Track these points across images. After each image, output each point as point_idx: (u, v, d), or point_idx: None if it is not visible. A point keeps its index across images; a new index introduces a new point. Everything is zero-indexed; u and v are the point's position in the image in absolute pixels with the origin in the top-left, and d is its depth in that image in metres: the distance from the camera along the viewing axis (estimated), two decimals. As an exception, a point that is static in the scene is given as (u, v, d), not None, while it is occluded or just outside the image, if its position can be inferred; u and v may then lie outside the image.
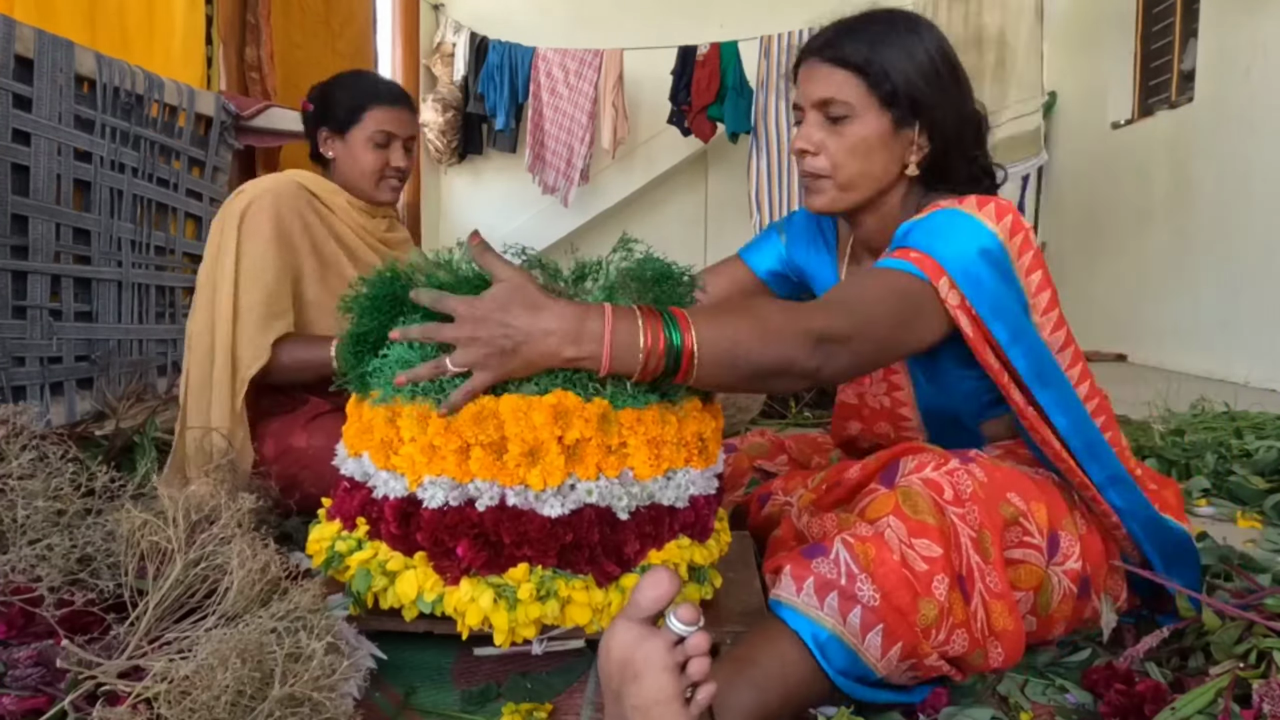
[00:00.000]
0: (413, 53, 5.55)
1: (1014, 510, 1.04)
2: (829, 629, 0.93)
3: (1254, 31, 3.97)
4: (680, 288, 1.08)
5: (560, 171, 5.62)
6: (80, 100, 2.14)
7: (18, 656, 0.85)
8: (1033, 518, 1.05)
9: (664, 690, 0.72)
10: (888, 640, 0.93)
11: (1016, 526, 1.04)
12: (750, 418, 2.56)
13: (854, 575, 0.94)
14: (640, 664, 0.73)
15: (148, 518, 0.96)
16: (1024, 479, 1.09)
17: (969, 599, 0.98)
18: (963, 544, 0.99)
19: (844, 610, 0.93)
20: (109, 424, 2.03)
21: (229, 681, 0.76)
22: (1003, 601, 0.99)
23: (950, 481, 1.02)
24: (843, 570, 0.95)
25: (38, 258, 2.03)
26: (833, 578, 0.95)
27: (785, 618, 0.95)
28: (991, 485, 1.04)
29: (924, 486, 1.01)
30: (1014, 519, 1.04)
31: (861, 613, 0.93)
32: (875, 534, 0.97)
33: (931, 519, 0.98)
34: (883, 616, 0.93)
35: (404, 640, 1.09)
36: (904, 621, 0.93)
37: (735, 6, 5.85)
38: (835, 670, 0.93)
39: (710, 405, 1.11)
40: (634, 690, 0.73)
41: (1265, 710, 0.93)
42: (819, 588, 0.95)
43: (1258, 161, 3.92)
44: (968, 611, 0.97)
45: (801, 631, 0.93)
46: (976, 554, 0.99)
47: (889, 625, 0.93)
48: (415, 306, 1.03)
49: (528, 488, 0.97)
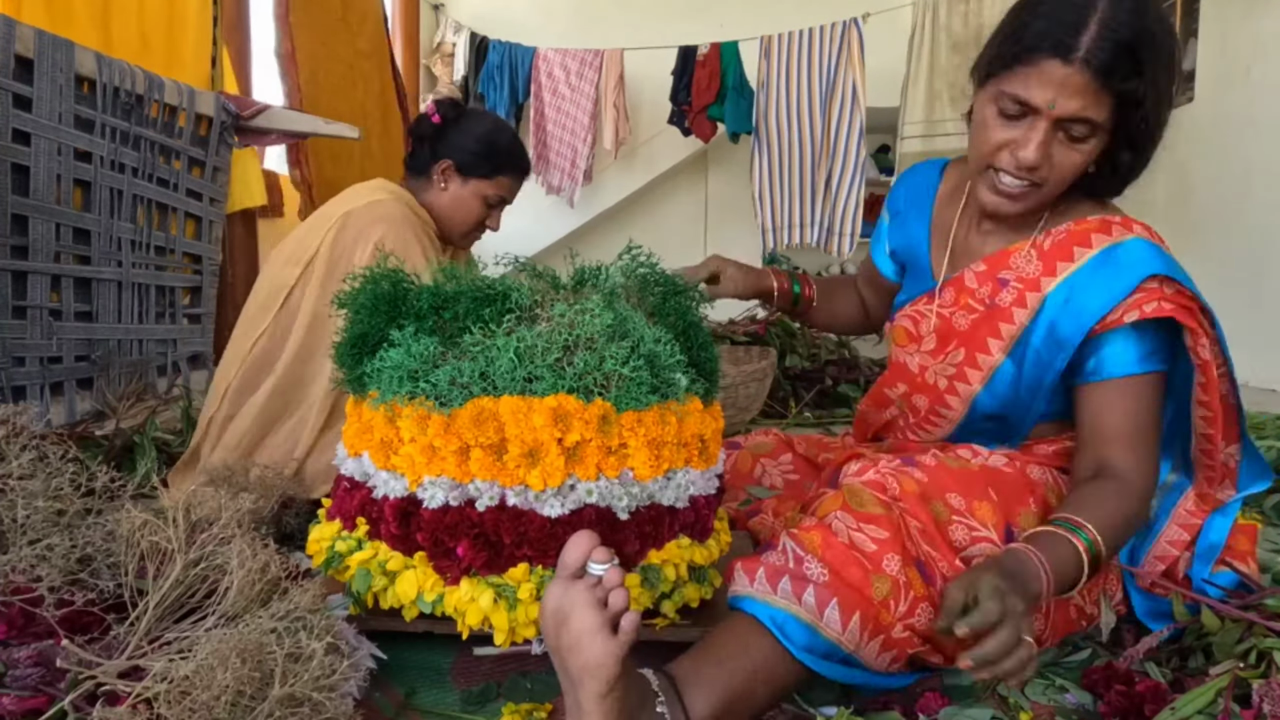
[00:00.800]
0: (413, 53, 5.54)
1: (946, 509, 1.07)
2: (784, 609, 0.95)
3: (1254, 31, 3.97)
4: (684, 299, 1.09)
5: (565, 172, 5.62)
6: (80, 100, 2.13)
7: (18, 656, 0.85)
8: (973, 514, 1.08)
9: (589, 621, 0.77)
10: (844, 613, 0.94)
11: (957, 524, 1.07)
12: (750, 418, 2.56)
13: (801, 558, 0.98)
14: (567, 607, 0.79)
15: (147, 518, 0.96)
16: (971, 476, 1.12)
17: (933, 581, 1.00)
18: (913, 534, 1.02)
19: (797, 591, 0.96)
20: (109, 424, 2.03)
21: (229, 681, 0.76)
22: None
23: (889, 481, 1.08)
24: (790, 556, 1.00)
25: (38, 258, 2.03)
26: (781, 564, 0.99)
27: (743, 607, 0.98)
28: (930, 485, 1.08)
29: (865, 486, 1.06)
30: (947, 519, 1.06)
31: (815, 590, 0.95)
32: (820, 524, 1.02)
33: (878, 509, 1.02)
34: (835, 590, 0.95)
35: (404, 640, 1.09)
36: (858, 594, 0.95)
37: (735, 6, 5.85)
38: (798, 647, 0.94)
39: (711, 406, 1.12)
40: (565, 631, 0.79)
41: (1265, 710, 0.93)
42: (770, 575, 0.98)
43: (1257, 161, 3.92)
44: (930, 590, 0.99)
45: (759, 615, 0.96)
46: (927, 545, 1.02)
47: (843, 598, 0.95)
48: (413, 310, 1.03)
49: (528, 488, 0.97)
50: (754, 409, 2.56)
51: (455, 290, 1.04)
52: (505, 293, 1.07)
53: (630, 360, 0.99)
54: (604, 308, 1.01)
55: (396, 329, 1.05)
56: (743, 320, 3.35)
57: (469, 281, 1.06)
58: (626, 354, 0.99)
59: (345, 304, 1.11)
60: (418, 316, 1.08)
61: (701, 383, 1.09)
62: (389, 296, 1.08)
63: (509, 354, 0.98)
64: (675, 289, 1.12)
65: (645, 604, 1.04)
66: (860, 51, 4.86)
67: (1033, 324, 1.21)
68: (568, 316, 1.01)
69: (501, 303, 1.06)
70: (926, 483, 1.08)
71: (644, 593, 1.03)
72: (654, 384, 1.01)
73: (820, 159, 5.06)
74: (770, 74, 5.10)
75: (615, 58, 5.45)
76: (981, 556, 1.05)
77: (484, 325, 1.04)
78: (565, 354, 1.00)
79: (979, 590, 0.90)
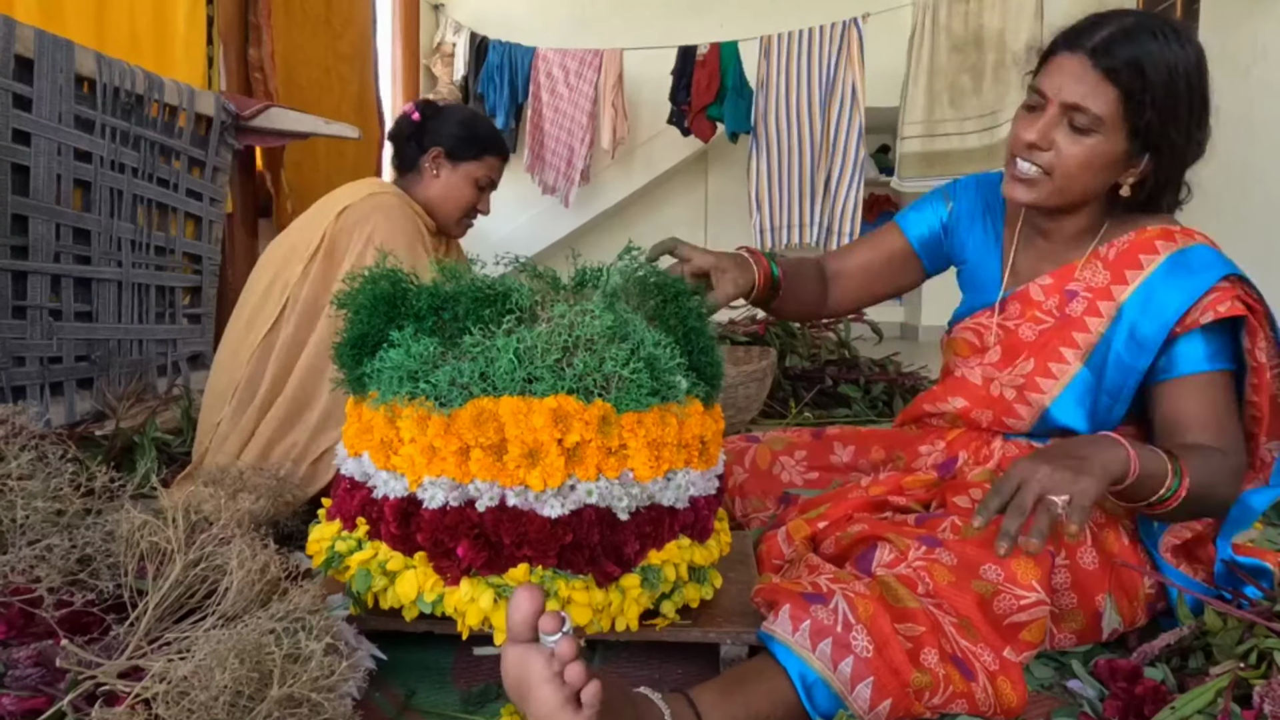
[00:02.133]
0: (413, 53, 5.54)
1: (990, 585, 1.04)
2: (817, 672, 0.94)
3: (1254, 31, 3.97)
4: (687, 300, 1.09)
5: (560, 172, 5.62)
6: (80, 100, 2.13)
7: (18, 656, 0.85)
8: (1016, 583, 1.04)
9: (550, 701, 0.76)
10: (877, 694, 0.93)
11: (1002, 595, 1.04)
12: (750, 418, 2.56)
13: (850, 625, 0.95)
14: (529, 681, 0.77)
15: (147, 519, 0.96)
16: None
17: (972, 676, 0.97)
18: (947, 631, 1.00)
19: (836, 658, 0.94)
20: (109, 424, 2.02)
21: (228, 682, 0.76)
22: (1006, 677, 0.99)
23: (922, 577, 1.05)
24: (840, 619, 0.96)
25: (38, 258, 2.03)
26: (829, 625, 0.96)
27: (776, 653, 0.96)
28: (962, 567, 1.05)
29: (898, 581, 1.04)
30: (993, 593, 1.04)
31: (854, 663, 0.93)
32: (875, 596, 0.99)
33: (913, 604, 1.00)
34: (875, 670, 0.93)
35: (404, 640, 1.09)
36: (896, 679, 0.93)
37: (735, 6, 5.85)
38: (818, 713, 0.94)
39: (711, 408, 1.12)
40: (531, 703, 0.77)
41: (1266, 711, 0.93)
42: (814, 633, 0.95)
43: (1257, 162, 3.92)
44: (970, 685, 0.97)
45: (790, 669, 0.94)
46: (964, 639, 1.00)
47: (880, 680, 0.93)
48: (413, 310, 1.03)
49: (528, 488, 0.97)
50: (754, 409, 2.56)
51: (455, 290, 1.04)
52: (505, 293, 1.07)
53: (630, 362, 0.99)
54: (604, 309, 1.01)
55: (396, 329, 1.05)
56: (743, 320, 3.35)
57: (469, 281, 1.06)
58: (626, 356, 0.99)
59: (345, 304, 1.11)
60: (417, 317, 1.08)
61: (702, 386, 1.09)
62: (388, 296, 1.08)
63: (509, 354, 0.98)
64: (676, 292, 1.12)
65: (645, 604, 1.04)
66: (860, 51, 4.86)
67: (1111, 330, 1.24)
68: (568, 317, 1.01)
69: (501, 303, 1.06)
70: (958, 565, 1.06)
71: (644, 593, 1.03)
72: (654, 387, 1.01)
73: (820, 159, 5.06)
74: (770, 74, 5.10)
75: (614, 58, 5.45)
76: (1030, 620, 1.04)
77: (484, 326, 1.04)
78: (565, 355, 1.00)
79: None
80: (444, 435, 0.96)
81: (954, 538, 1.10)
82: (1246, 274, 1.22)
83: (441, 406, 0.98)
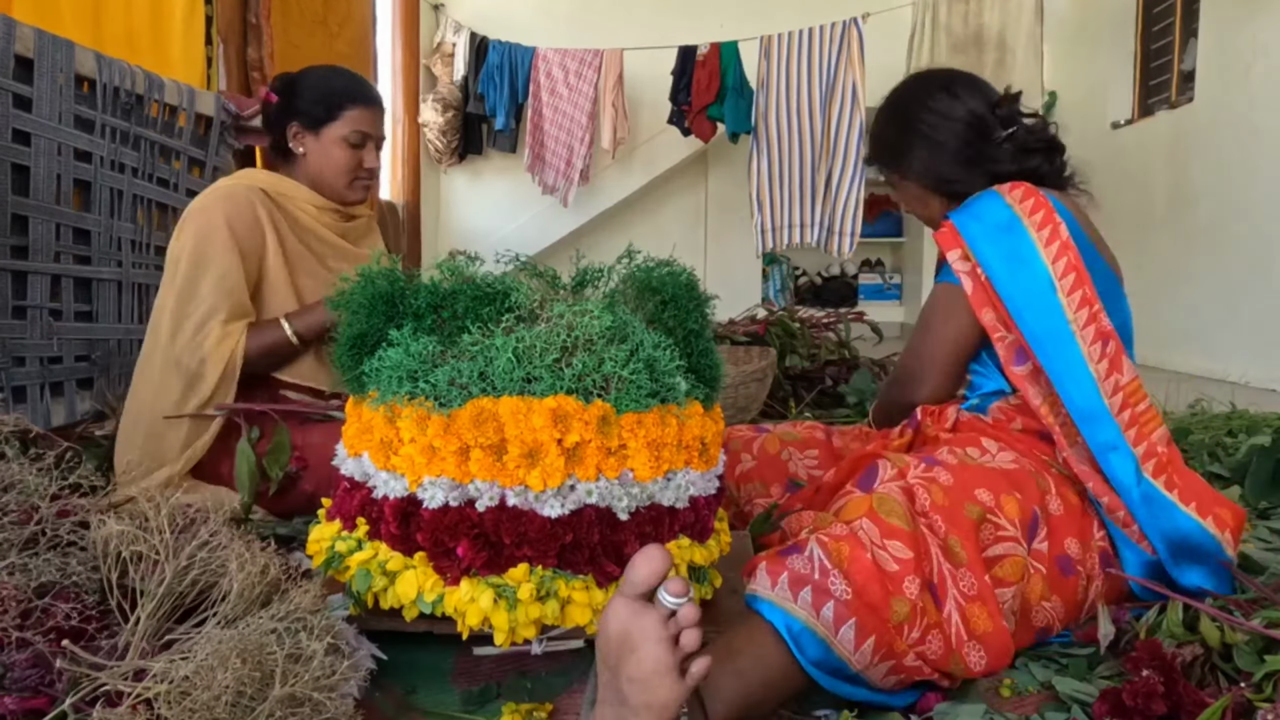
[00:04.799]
0: (413, 53, 5.54)
1: (980, 509, 1.08)
2: (802, 621, 0.95)
3: (1254, 31, 3.97)
4: (690, 302, 1.09)
5: (560, 172, 5.62)
6: (80, 100, 2.13)
7: (17, 658, 0.85)
8: (1002, 512, 1.09)
9: (660, 661, 0.73)
10: (860, 634, 0.95)
11: (987, 524, 1.08)
12: (750, 418, 2.56)
13: (827, 570, 0.97)
14: (637, 637, 0.75)
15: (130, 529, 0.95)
16: (993, 474, 1.13)
17: (941, 605, 1.00)
18: (932, 553, 1.02)
19: (817, 604, 0.96)
20: (109, 424, 2.02)
21: (229, 682, 0.76)
22: (980, 604, 1.01)
23: (919, 492, 1.07)
24: (816, 566, 0.98)
25: (38, 258, 2.03)
26: (806, 573, 0.98)
27: (761, 610, 0.98)
28: (957, 488, 1.08)
29: (900, 494, 1.05)
30: (981, 517, 1.07)
31: (834, 606, 0.95)
32: (849, 533, 1.00)
33: (904, 524, 1.01)
34: (855, 611, 0.95)
35: (404, 640, 1.09)
36: (876, 616, 0.95)
37: (735, 6, 5.85)
38: (809, 661, 0.95)
39: (711, 409, 1.12)
40: (632, 662, 0.75)
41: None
42: (792, 582, 0.97)
43: (1258, 161, 3.92)
44: (941, 615, 0.99)
45: (776, 622, 0.96)
46: (946, 561, 1.02)
47: (861, 620, 0.95)
48: (410, 309, 1.03)
49: (527, 488, 0.97)
50: (754, 409, 2.56)
51: (453, 289, 1.04)
52: (504, 292, 1.07)
53: (630, 363, 0.99)
54: (604, 310, 1.01)
55: (395, 328, 1.05)
56: (743, 320, 3.35)
57: (468, 280, 1.06)
58: (626, 357, 0.99)
59: (342, 304, 1.11)
60: (416, 316, 1.08)
61: (702, 389, 1.10)
62: (386, 295, 1.08)
63: (507, 354, 0.98)
64: (675, 294, 1.12)
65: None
66: (860, 51, 4.86)
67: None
68: (567, 318, 1.01)
69: (501, 302, 1.06)
70: (954, 485, 1.09)
71: (644, 593, 1.03)
72: (653, 388, 1.01)
73: (820, 159, 5.06)
74: (770, 74, 5.10)
75: (615, 58, 5.45)
76: (1005, 555, 1.07)
77: (482, 325, 1.04)
78: (564, 355, 1.00)
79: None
80: (444, 435, 0.96)
81: (952, 459, 1.13)
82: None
83: (441, 406, 0.98)
